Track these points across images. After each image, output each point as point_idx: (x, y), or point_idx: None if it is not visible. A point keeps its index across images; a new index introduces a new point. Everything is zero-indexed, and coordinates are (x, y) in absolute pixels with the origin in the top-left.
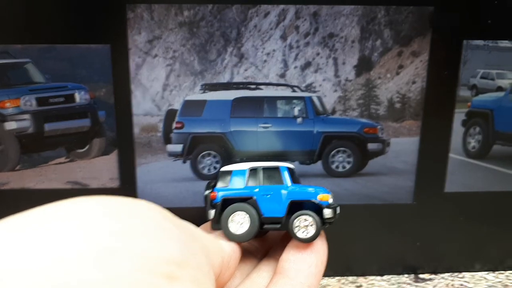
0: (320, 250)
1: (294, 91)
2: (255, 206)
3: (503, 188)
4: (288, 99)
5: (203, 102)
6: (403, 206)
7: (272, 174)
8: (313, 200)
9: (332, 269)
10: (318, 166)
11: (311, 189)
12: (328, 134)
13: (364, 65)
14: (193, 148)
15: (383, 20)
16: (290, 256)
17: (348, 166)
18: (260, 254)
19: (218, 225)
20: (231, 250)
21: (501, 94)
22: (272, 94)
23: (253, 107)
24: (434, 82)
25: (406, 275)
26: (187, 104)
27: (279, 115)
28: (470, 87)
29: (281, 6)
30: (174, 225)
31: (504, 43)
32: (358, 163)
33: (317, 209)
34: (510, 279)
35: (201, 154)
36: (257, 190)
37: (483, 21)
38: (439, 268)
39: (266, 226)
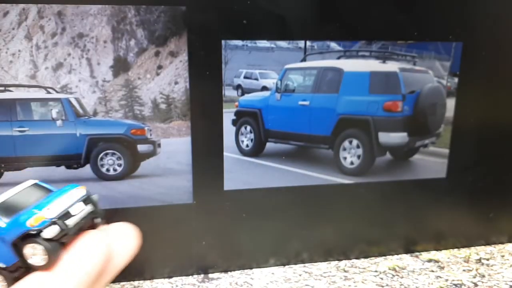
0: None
1: (48, 92)
2: None
3: (280, 183)
4: (43, 101)
5: None
6: (183, 206)
7: None
8: (29, 231)
9: (121, 275)
10: (88, 170)
11: (23, 218)
12: (93, 136)
13: (120, 66)
14: None
15: (134, 20)
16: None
17: (119, 169)
18: None
19: None
20: None
21: (267, 93)
22: (24, 96)
23: (4, 110)
24: (197, 82)
25: (195, 276)
26: None
27: (36, 118)
28: (235, 87)
29: (21, 5)
30: None
31: (263, 43)
32: (130, 165)
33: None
34: (296, 272)
35: None
36: None
37: (238, 21)
38: (232, 266)
39: None
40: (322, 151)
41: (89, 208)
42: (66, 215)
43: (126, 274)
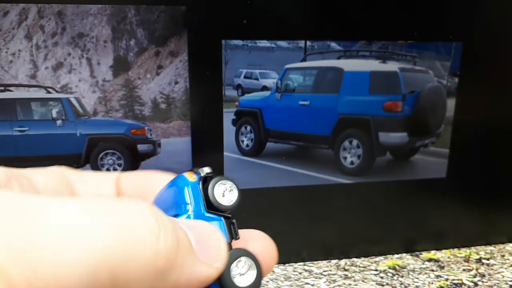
0: None
1: (48, 92)
2: None
3: (280, 183)
4: (43, 101)
5: None
6: None
7: None
8: None
9: None
10: (87, 170)
11: None
12: (93, 136)
13: (120, 65)
14: None
15: (134, 19)
16: None
17: (119, 169)
18: None
19: None
20: None
21: (267, 93)
22: (24, 95)
23: (4, 110)
24: (197, 82)
25: None
26: None
27: (36, 117)
28: (236, 87)
29: (21, 5)
30: None
31: (263, 43)
32: (130, 165)
33: None
34: (296, 270)
35: None
36: None
37: (238, 21)
38: None
39: None
40: (322, 151)
41: None
42: None
43: None
